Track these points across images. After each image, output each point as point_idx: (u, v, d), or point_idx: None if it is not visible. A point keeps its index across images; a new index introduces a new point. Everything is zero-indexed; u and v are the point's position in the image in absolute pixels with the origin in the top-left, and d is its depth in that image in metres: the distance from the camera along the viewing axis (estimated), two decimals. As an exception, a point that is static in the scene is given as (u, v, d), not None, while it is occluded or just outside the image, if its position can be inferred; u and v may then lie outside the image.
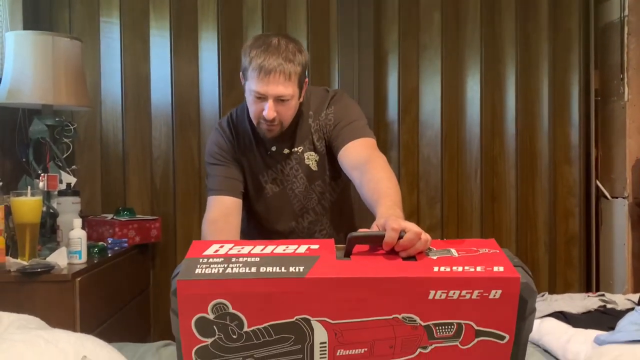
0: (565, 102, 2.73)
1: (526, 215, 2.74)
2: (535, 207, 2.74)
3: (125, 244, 2.17)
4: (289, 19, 2.60)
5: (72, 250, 1.76)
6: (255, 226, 1.69)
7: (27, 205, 1.71)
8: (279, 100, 1.44)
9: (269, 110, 1.43)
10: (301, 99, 1.53)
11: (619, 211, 2.65)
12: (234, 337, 1.00)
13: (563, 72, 2.72)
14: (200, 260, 1.04)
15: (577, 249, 2.74)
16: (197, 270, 1.01)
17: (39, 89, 1.93)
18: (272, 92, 1.42)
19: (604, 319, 1.33)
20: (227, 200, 1.55)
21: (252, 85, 1.44)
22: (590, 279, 2.75)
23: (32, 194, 1.72)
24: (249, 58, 1.43)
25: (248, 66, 1.44)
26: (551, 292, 2.71)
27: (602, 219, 2.76)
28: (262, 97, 1.44)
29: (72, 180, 2.01)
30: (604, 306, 1.44)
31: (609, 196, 2.71)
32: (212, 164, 1.60)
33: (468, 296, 0.99)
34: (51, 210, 1.95)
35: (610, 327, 1.23)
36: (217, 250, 1.08)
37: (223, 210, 1.54)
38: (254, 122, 1.52)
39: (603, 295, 1.56)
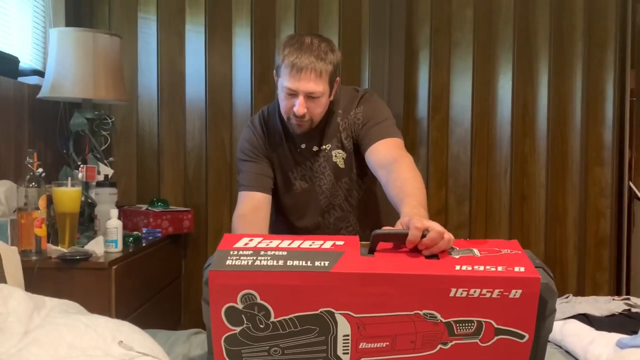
0: (599, 102, 2.68)
1: (556, 215, 2.71)
2: (565, 208, 2.71)
3: (159, 234, 2.25)
4: (321, 15, 2.63)
5: (108, 239, 1.83)
6: (283, 221, 1.72)
7: (67, 195, 1.79)
8: (310, 97, 1.48)
9: (299, 106, 1.48)
10: (332, 97, 1.56)
11: (652, 213, 2.60)
12: (261, 326, 1.04)
13: (598, 72, 2.68)
14: (231, 252, 1.09)
15: (608, 250, 2.70)
16: (228, 262, 1.06)
17: (80, 83, 2.01)
18: (302, 88, 1.46)
19: (627, 323, 1.32)
20: (257, 195, 1.60)
21: (284, 81, 1.48)
22: (620, 282, 2.71)
23: (72, 185, 1.80)
24: (282, 56, 1.48)
25: (281, 63, 1.48)
26: (579, 293, 2.69)
27: (634, 220, 2.71)
28: (293, 94, 1.48)
29: (110, 171, 2.09)
30: (629, 310, 1.43)
31: (642, 198, 2.67)
32: (243, 160, 1.65)
33: (489, 295, 1.01)
34: (89, 200, 2.04)
35: (634, 331, 1.23)
36: (247, 244, 1.12)
37: (253, 205, 1.58)
38: (285, 117, 1.56)
39: (628, 299, 1.54)
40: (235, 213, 1.61)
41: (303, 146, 1.62)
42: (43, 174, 1.73)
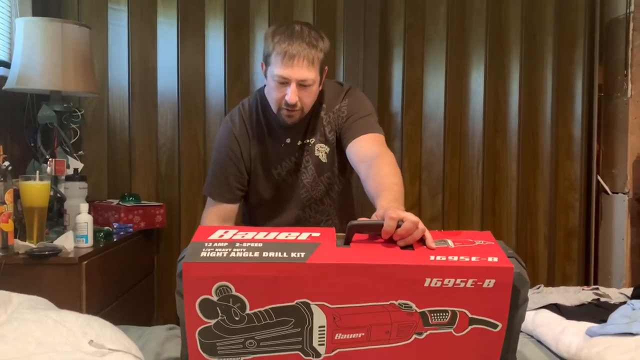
0: (569, 97, 2.74)
1: (527, 208, 2.76)
2: (536, 201, 2.76)
3: (131, 229, 2.21)
4: (296, 10, 2.61)
5: (78, 234, 1.79)
6: (261, 216, 1.71)
7: (35, 189, 1.74)
8: (301, 85, 1.46)
9: (291, 94, 1.45)
10: (321, 87, 1.55)
11: (619, 206, 2.67)
12: (236, 318, 1.03)
13: (567, 67, 2.73)
14: (206, 244, 1.08)
15: (577, 243, 2.76)
16: (203, 254, 1.04)
17: (48, 75, 1.96)
18: (295, 76, 1.44)
19: (597, 312, 1.36)
20: (225, 207, 1.61)
21: (275, 69, 1.45)
22: (589, 273, 2.77)
23: (41, 179, 1.75)
24: (273, 44, 1.45)
25: (271, 52, 1.46)
26: (549, 285, 2.74)
27: (602, 213, 2.78)
28: (284, 82, 1.45)
29: (79, 165, 2.05)
30: (598, 299, 1.47)
31: (609, 191, 2.73)
32: (218, 163, 1.62)
33: (463, 285, 1.02)
34: (58, 195, 1.99)
35: (603, 320, 1.26)
36: (222, 235, 1.11)
37: (220, 217, 1.61)
38: (274, 108, 1.53)
39: (597, 288, 1.58)
40: (203, 218, 1.63)
41: (288, 140, 1.60)
42: (10, 168, 1.69)
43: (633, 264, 2.62)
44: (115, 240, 2.04)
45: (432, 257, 1.04)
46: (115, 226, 2.17)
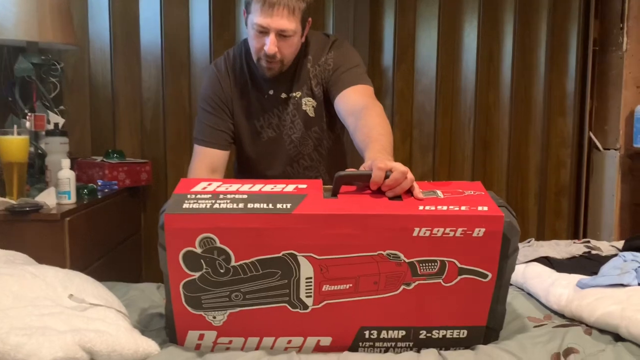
0: (563, 51, 2.68)
1: (518, 165, 2.74)
2: (527, 158, 2.74)
3: (115, 187, 2.16)
4: (283, -41, 2.50)
5: (61, 191, 1.75)
6: (249, 171, 1.68)
7: (14, 144, 1.68)
8: (281, 35, 1.41)
9: (270, 44, 1.40)
10: (303, 39, 1.50)
11: (610, 163, 2.66)
12: (222, 271, 1.01)
13: (562, 20, 2.67)
14: (188, 196, 1.05)
15: (567, 199, 2.76)
16: (185, 205, 1.01)
17: (23, 24, 1.87)
18: (274, 25, 1.39)
19: (588, 264, 1.35)
20: (213, 153, 1.55)
21: (254, 18, 1.40)
22: (578, 230, 2.79)
23: (19, 133, 1.70)
24: None
25: None
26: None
27: (592, 170, 2.77)
28: (264, 31, 1.40)
29: (60, 120, 1.98)
30: (589, 252, 1.46)
31: (601, 148, 2.71)
32: (204, 109, 1.58)
33: (452, 234, 1.00)
34: (39, 151, 1.93)
35: (594, 272, 1.25)
36: (205, 188, 1.08)
37: (208, 165, 1.55)
38: (254, 58, 1.48)
39: (588, 242, 1.57)
40: (190, 170, 1.57)
41: (271, 92, 1.56)
42: (-14, 122, 1.62)
43: (622, 221, 2.63)
44: (99, 197, 1.99)
45: (420, 207, 1.02)
46: (99, 183, 2.12)
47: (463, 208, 1.02)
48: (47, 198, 1.71)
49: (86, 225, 1.80)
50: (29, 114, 1.90)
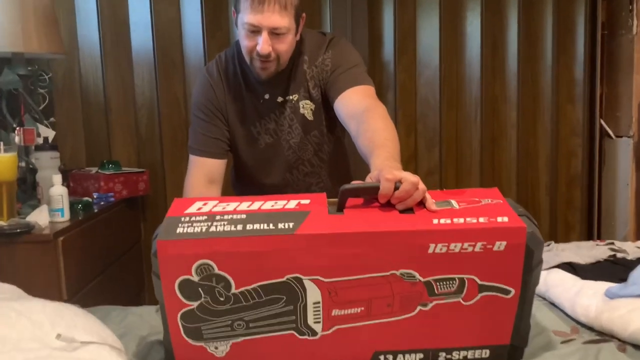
0: (570, 36, 2.59)
1: (527, 156, 2.66)
2: (536, 148, 2.65)
3: (112, 199, 2.09)
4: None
5: (53, 208, 1.67)
6: (247, 179, 1.60)
7: (2, 162, 1.61)
8: (274, 33, 1.32)
9: (263, 43, 1.32)
10: (298, 36, 1.41)
11: (623, 150, 2.56)
12: (222, 299, 0.94)
13: (568, 4, 2.57)
14: (182, 219, 0.97)
15: (579, 190, 2.68)
16: (179, 230, 0.94)
17: (7, 35, 1.79)
18: (266, 23, 1.30)
19: (614, 270, 1.26)
20: (210, 163, 1.47)
21: (244, 17, 1.32)
22: (592, 221, 2.70)
23: (6, 150, 1.62)
24: None
25: None
26: (552, 235, 2.68)
27: (604, 158, 2.68)
28: (255, 30, 1.32)
29: (51, 133, 1.91)
30: (614, 256, 1.37)
31: (613, 135, 2.62)
32: (197, 117, 1.50)
33: (470, 249, 0.92)
34: (31, 166, 1.86)
35: (621, 279, 1.17)
36: (200, 208, 1.01)
37: (205, 176, 1.47)
38: (247, 59, 1.40)
39: (612, 243, 1.48)
40: (186, 182, 1.49)
41: (267, 96, 1.48)
42: (-30, 140, 1.55)
43: (638, 210, 2.54)
44: (95, 211, 1.92)
45: (435, 221, 0.94)
46: (95, 196, 2.05)
47: (481, 220, 0.93)
48: (39, 217, 1.64)
49: (81, 242, 1.73)
50: (18, 128, 1.82)
